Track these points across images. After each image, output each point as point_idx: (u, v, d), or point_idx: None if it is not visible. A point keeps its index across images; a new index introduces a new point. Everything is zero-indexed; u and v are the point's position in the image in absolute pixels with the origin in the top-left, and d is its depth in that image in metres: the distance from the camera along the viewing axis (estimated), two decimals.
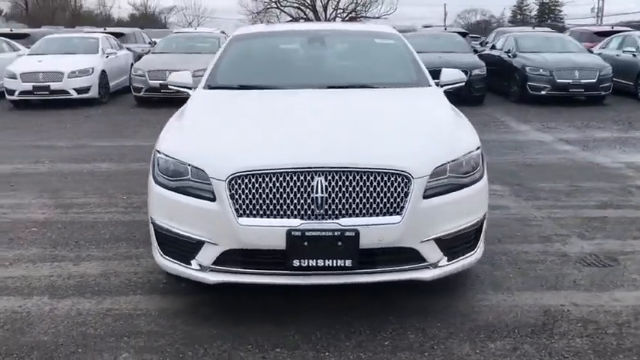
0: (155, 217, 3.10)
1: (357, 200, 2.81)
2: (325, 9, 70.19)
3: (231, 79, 4.14)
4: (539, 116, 10.21)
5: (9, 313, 3.16)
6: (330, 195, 2.79)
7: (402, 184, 2.83)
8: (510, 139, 8.31)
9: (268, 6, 67.98)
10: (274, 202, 2.79)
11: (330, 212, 2.79)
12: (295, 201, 2.79)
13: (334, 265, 2.81)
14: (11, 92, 11.71)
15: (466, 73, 11.45)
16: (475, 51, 13.52)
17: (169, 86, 4.32)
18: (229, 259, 2.89)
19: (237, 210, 2.80)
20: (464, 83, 4.46)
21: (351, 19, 65.11)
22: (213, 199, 2.84)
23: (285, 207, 2.79)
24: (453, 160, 3.01)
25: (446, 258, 3.00)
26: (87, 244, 4.17)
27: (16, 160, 6.96)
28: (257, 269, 2.88)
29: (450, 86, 4.32)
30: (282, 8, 68.48)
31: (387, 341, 2.84)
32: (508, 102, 12.24)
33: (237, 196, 2.80)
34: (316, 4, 67.92)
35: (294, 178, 2.79)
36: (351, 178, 2.80)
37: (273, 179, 2.80)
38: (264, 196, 2.79)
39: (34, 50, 13.08)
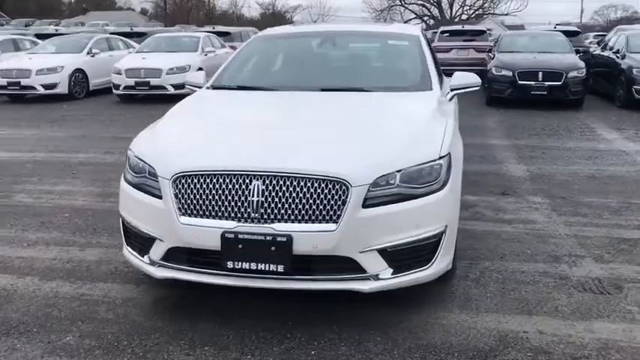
0: (121, 211, 3.27)
1: (293, 206, 2.78)
2: (451, 6, 68.61)
3: (234, 79, 4.24)
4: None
5: (4, 289, 3.48)
6: (266, 199, 2.79)
7: (340, 192, 2.76)
8: (589, 147, 7.70)
9: (392, 3, 67.69)
10: (213, 203, 2.85)
11: (265, 216, 2.80)
12: (233, 203, 2.82)
13: (267, 269, 2.81)
14: (117, 87, 12.74)
15: (562, 74, 10.89)
16: (581, 51, 12.59)
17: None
18: (175, 256, 2.98)
19: (179, 209, 2.89)
20: (478, 87, 4.23)
21: (477, 17, 62.87)
22: (161, 197, 2.95)
23: (222, 209, 2.84)
24: (403, 169, 2.88)
25: (391, 270, 2.88)
26: (102, 232, 4.46)
27: (92, 150, 7.57)
28: (198, 268, 2.95)
29: (461, 90, 4.12)
30: (406, 5, 67.90)
31: (315, 351, 2.79)
32: (612, 107, 11.33)
33: (180, 196, 2.89)
34: (442, 1, 66.60)
35: (233, 180, 2.83)
36: (288, 183, 2.79)
37: (213, 181, 2.85)
38: (204, 196, 2.85)
39: (140, 48, 14.11)
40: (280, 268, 2.80)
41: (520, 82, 11.20)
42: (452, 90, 4.10)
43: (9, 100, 13.39)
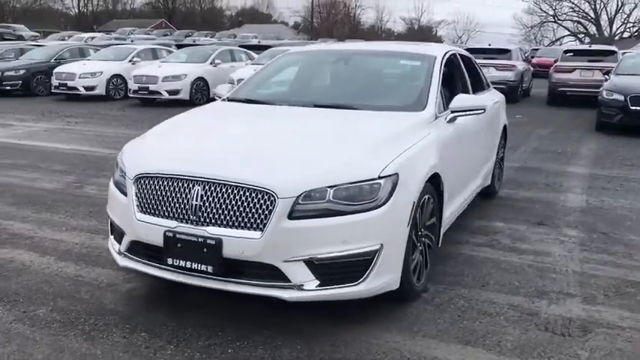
0: (107, 206, 3.69)
1: (226, 212, 2.99)
2: (611, 23, 63.72)
3: (246, 92, 4.52)
4: None
5: (17, 264, 4.05)
6: (203, 203, 3.03)
7: (268, 202, 2.93)
8: None
9: (545, 20, 64.32)
10: (161, 203, 3.14)
11: (202, 219, 3.03)
12: (177, 205, 3.10)
13: (199, 268, 3.05)
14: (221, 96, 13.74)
15: None
16: None
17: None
18: (135, 249, 3.32)
19: (137, 206, 3.22)
20: (482, 112, 4.15)
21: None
22: (126, 195, 3.31)
23: (168, 209, 3.12)
24: (336, 186, 2.98)
25: (317, 282, 2.98)
26: None
27: None
28: (148, 261, 3.25)
29: (461, 113, 4.07)
30: (559, 22, 64.21)
31: (233, 350, 2.97)
32: None
33: (139, 194, 3.22)
34: (600, 18, 62.07)
35: (178, 184, 3.11)
36: (223, 190, 3.00)
37: (164, 183, 3.15)
38: (155, 196, 3.16)
39: (256, 60, 14.94)
40: (210, 269, 3.02)
41: (632, 107, 10.37)
42: (452, 112, 4.05)
43: (140, 103, 14.90)
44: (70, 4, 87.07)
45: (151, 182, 3.18)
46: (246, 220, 2.96)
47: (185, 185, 3.09)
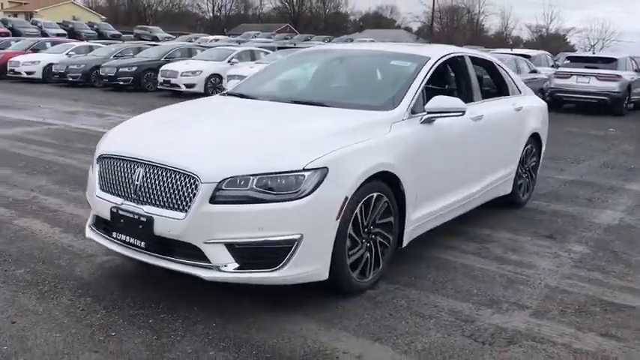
0: None
1: (159, 193, 3.25)
2: None
3: (243, 88, 4.75)
4: None
5: (27, 232, 4.57)
6: (143, 184, 3.30)
7: (193, 186, 3.14)
8: None
9: None
10: (113, 181, 3.46)
11: (141, 198, 3.31)
12: (124, 184, 3.40)
13: (134, 243, 3.33)
14: None
15: None
16: None
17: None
18: (98, 222, 3.66)
19: (98, 183, 3.57)
20: (460, 114, 4.08)
21: None
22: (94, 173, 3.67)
23: (118, 187, 3.43)
24: (259, 174, 3.12)
25: (236, 265, 3.15)
26: None
27: None
28: (102, 234, 3.58)
29: (438, 115, 4.04)
30: None
31: (153, 320, 3.20)
32: None
33: (100, 173, 3.57)
34: None
35: (126, 165, 3.40)
36: (159, 172, 3.26)
37: (117, 163, 3.46)
38: (110, 175, 3.49)
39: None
40: (143, 245, 3.29)
41: None
42: (429, 113, 4.02)
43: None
44: (206, 9, 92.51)
45: (108, 162, 3.51)
46: (174, 201, 3.18)
47: (131, 167, 3.37)
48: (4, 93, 16.55)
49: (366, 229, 3.58)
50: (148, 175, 3.29)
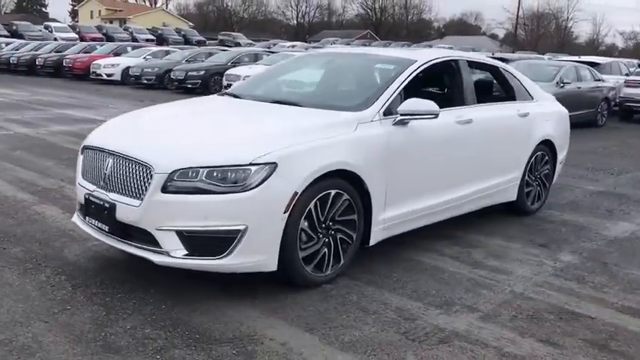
0: None
1: (122, 181, 3.52)
2: None
3: (238, 88, 4.98)
4: None
5: (39, 216, 4.99)
6: (111, 173, 3.59)
7: (148, 176, 3.39)
8: None
9: None
10: (90, 170, 3.77)
11: (108, 186, 3.60)
12: (97, 172, 3.71)
13: (102, 227, 3.62)
14: None
15: None
16: None
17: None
18: (80, 207, 3.99)
19: (81, 172, 3.90)
20: (433, 117, 4.11)
21: None
22: None
23: (92, 175, 3.74)
24: (208, 167, 3.33)
25: (185, 252, 3.36)
26: None
27: None
28: (82, 217, 3.90)
29: (410, 117, 4.09)
30: None
31: (110, 299, 3.46)
32: None
33: (83, 162, 3.90)
34: None
35: (100, 155, 3.71)
36: (124, 163, 3.54)
37: (92, 153, 3.78)
38: (89, 164, 3.81)
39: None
40: (107, 228, 3.57)
41: None
42: (401, 115, 4.09)
43: None
44: (291, 16, 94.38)
45: (88, 153, 3.83)
46: (133, 189, 3.44)
47: (103, 157, 3.67)
48: (83, 93, 17.73)
49: (323, 225, 3.69)
50: (115, 165, 3.56)
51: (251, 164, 3.34)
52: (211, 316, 3.30)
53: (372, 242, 4.06)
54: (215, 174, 3.32)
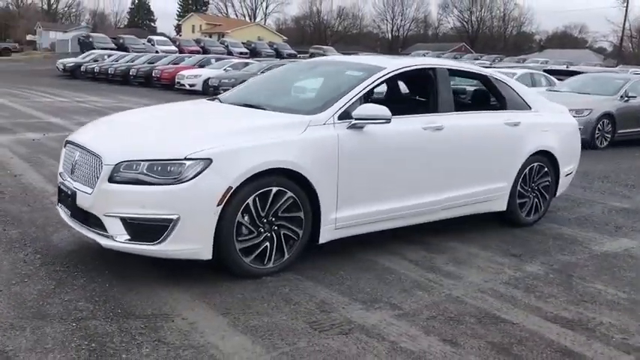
0: None
1: (83, 171, 3.95)
2: None
3: (225, 94, 5.32)
4: None
5: (48, 202, 5.57)
6: (77, 164, 4.04)
7: (99, 167, 3.80)
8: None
9: None
10: (66, 162, 4.25)
11: (74, 176, 4.05)
12: (69, 164, 4.17)
13: (67, 212, 4.07)
14: None
15: None
16: None
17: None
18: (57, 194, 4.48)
19: (62, 163, 4.39)
20: (385, 122, 4.25)
21: None
22: None
23: (66, 166, 4.21)
24: (148, 160, 3.68)
25: (127, 237, 3.73)
26: None
27: None
28: (59, 204, 4.38)
29: (363, 121, 4.25)
30: None
31: (64, 274, 3.89)
32: None
33: (64, 155, 4.39)
34: None
35: (72, 148, 4.17)
36: (86, 155, 3.97)
37: (70, 147, 4.25)
38: (66, 157, 4.28)
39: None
40: (69, 213, 4.01)
41: None
42: (356, 119, 4.25)
43: None
44: (385, 29, 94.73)
45: (67, 147, 4.30)
46: (88, 179, 3.86)
47: (74, 150, 4.12)
48: (162, 102, 18.89)
49: (265, 220, 3.93)
50: (80, 157, 4.00)
51: (186, 159, 3.65)
52: (143, 295, 3.63)
53: (321, 240, 4.24)
54: (155, 167, 3.66)
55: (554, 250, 5.02)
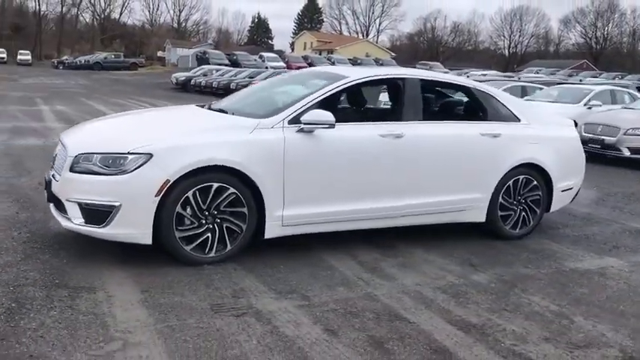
0: None
1: (59, 162, 4.57)
2: None
3: (219, 101, 5.78)
4: None
5: None
6: (58, 157, 4.67)
7: (67, 158, 4.39)
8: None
9: None
10: (57, 157, 4.90)
11: (55, 166, 4.67)
12: (54, 157, 4.82)
13: (47, 197, 4.70)
14: None
15: None
16: None
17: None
18: None
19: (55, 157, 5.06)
20: (328, 127, 4.50)
21: None
22: None
23: (54, 160, 4.86)
24: (100, 153, 4.22)
25: (82, 220, 4.27)
26: None
27: None
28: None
29: (310, 125, 4.53)
30: None
31: (46, 257, 4.50)
32: None
33: (57, 150, 5.06)
34: None
35: (59, 144, 4.82)
36: (62, 148, 4.59)
37: (59, 144, 4.91)
38: (57, 151, 4.94)
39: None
40: (47, 197, 4.63)
41: None
42: (304, 124, 4.54)
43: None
44: (502, 45, 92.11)
45: (59, 143, 4.96)
46: (59, 168, 4.45)
47: (59, 145, 4.76)
48: None
49: (207, 213, 4.32)
50: (59, 150, 4.62)
51: (129, 153, 4.14)
52: (88, 271, 4.13)
53: (267, 236, 4.54)
54: (105, 160, 4.18)
55: (520, 263, 4.96)
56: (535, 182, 5.60)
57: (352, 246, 4.99)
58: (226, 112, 4.96)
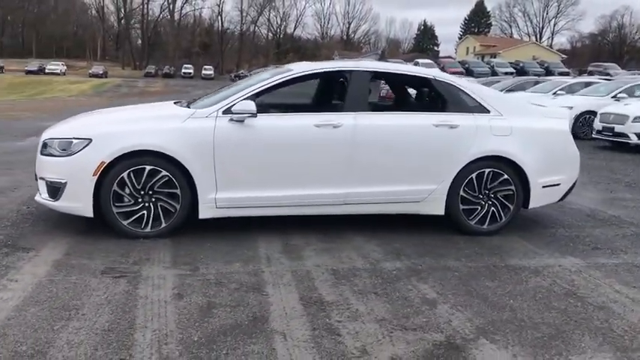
0: None
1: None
2: None
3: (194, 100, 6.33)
4: None
5: None
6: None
7: (40, 142, 5.26)
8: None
9: None
10: None
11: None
12: None
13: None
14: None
15: None
16: None
17: None
18: None
19: None
20: (252, 116, 4.85)
21: None
22: None
23: None
24: (57, 139, 5.02)
25: (46, 195, 5.09)
26: None
27: None
28: None
29: (238, 115, 4.93)
30: None
31: (39, 237, 5.42)
32: None
33: None
34: None
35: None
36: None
37: None
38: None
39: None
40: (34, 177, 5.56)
41: None
42: (234, 114, 4.93)
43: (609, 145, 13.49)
44: None
45: None
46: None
47: None
48: None
49: (142, 192, 4.90)
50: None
51: (73, 138, 4.87)
52: (42, 237, 4.91)
53: (201, 216, 5.00)
54: (60, 144, 4.95)
55: (455, 256, 4.81)
56: (506, 176, 5.35)
57: (293, 231, 5.22)
58: (189, 107, 5.48)
